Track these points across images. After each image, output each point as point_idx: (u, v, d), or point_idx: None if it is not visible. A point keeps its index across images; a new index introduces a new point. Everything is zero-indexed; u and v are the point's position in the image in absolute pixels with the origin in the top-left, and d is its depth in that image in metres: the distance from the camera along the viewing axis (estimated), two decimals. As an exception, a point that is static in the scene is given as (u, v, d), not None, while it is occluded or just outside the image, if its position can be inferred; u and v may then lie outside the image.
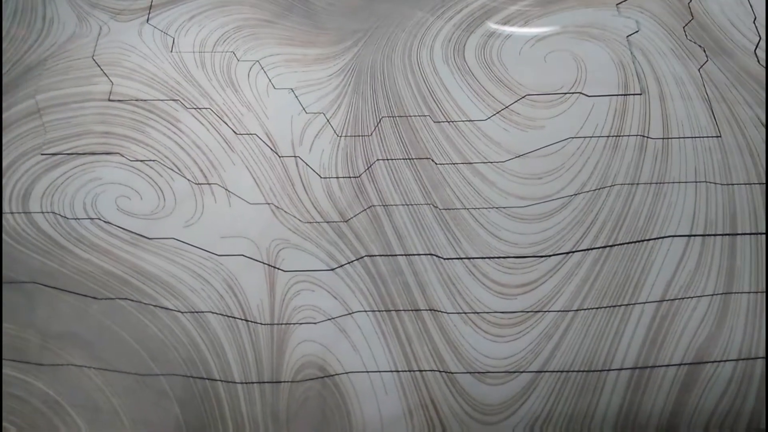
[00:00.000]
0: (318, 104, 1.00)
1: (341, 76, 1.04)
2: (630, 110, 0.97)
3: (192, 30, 1.08)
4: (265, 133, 0.97)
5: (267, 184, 0.92)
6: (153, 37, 1.06)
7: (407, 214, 0.90)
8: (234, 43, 1.06)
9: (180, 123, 0.97)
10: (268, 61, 1.05)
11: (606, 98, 0.98)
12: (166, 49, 1.05)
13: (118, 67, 1.03)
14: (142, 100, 1.00)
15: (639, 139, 0.94)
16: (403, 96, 1.01)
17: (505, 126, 0.96)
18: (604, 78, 1.00)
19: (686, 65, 1.01)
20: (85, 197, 0.91)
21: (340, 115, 0.99)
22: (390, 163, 0.94)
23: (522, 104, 0.98)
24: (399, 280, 0.85)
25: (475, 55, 1.04)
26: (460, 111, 0.98)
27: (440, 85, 1.01)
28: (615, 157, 0.93)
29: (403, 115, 0.99)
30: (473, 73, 1.02)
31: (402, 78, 1.03)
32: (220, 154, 0.95)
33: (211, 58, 1.05)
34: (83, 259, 0.86)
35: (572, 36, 1.05)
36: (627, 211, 0.88)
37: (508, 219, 0.88)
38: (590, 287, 0.83)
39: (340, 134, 0.97)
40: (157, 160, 0.94)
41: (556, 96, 0.99)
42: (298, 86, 1.02)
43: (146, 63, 1.04)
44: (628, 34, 1.05)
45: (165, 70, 1.03)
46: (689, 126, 0.95)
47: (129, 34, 1.07)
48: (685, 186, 0.90)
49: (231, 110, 0.99)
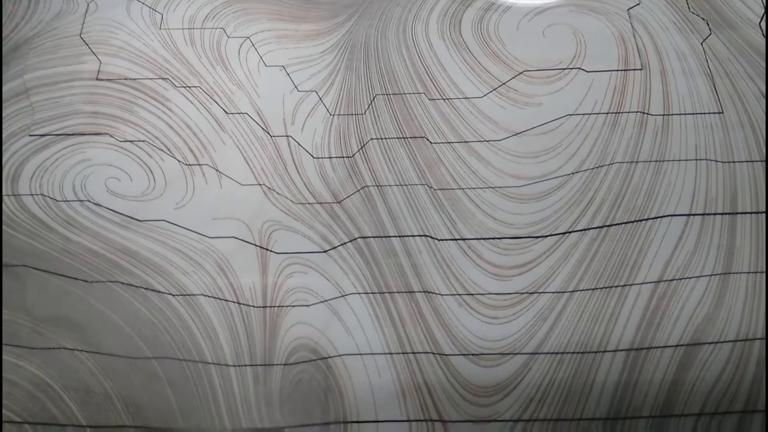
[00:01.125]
0: (310, 82, 0.98)
1: (334, 52, 1.01)
2: (630, 86, 0.95)
3: (181, 6, 1.05)
4: (256, 112, 0.95)
5: (258, 165, 0.91)
6: (141, 14, 1.04)
7: (401, 194, 0.88)
8: (224, 19, 1.04)
9: (169, 102, 0.95)
10: (259, 38, 1.02)
11: (606, 74, 0.96)
12: (155, 26, 1.03)
13: (106, 45, 1.01)
14: (131, 78, 0.97)
15: (639, 115, 0.92)
16: (398, 73, 0.98)
17: (502, 103, 0.94)
18: (604, 53, 0.97)
19: (688, 39, 0.98)
20: (75, 179, 0.89)
21: (333, 93, 0.97)
22: (384, 142, 0.92)
23: (519, 80, 0.96)
24: (393, 262, 0.84)
25: (471, 29, 1.01)
26: (456, 88, 0.96)
27: (436, 62, 0.99)
28: (614, 135, 0.91)
29: (397, 93, 0.96)
30: (469, 48, 0.99)
31: (396, 54, 1.00)
32: (210, 133, 0.93)
33: (201, 35, 1.02)
34: (73, 241, 0.85)
35: (572, 9, 1.02)
36: (625, 190, 0.86)
37: (504, 199, 0.87)
38: (586, 268, 0.82)
39: (333, 113, 0.95)
40: (146, 141, 0.92)
41: (555, 72, 0.96)
42: (289, 63, 1.00)
43: (134, 41, 1.01)
44: (630, 7, 1.01)
45: (154, 48, 1.00)
46: (690, 102, 0.93)
47: (117, 11, 1.04)
48: (685, 164, 0.88)
49: (221, 89, 0.97)
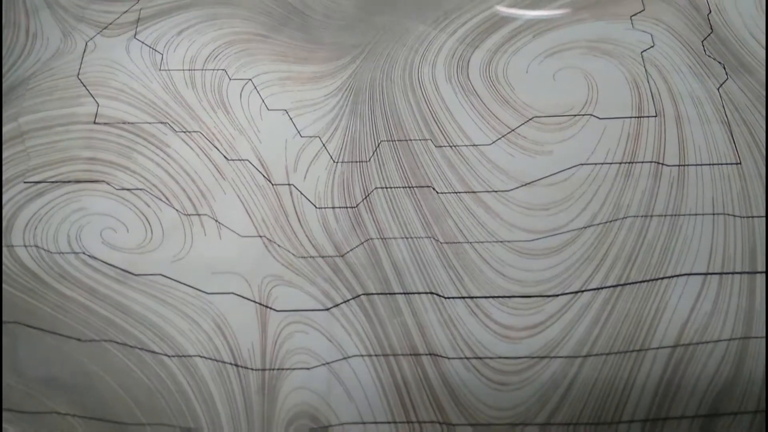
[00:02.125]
0: (313, 127, 0.96)
1: (338, 95, 0.99)
2: (644, 134, 0.92)
3: (181, 45, 1.02)
4: (257, 158, 0.93)
5: (259, 215, 0.88)
6: (141, 54, 1.02)
7: (407, 248, 0.85)
8: (225, 60, 1.01)
9: (168, 148, 0.93)
10: (261, 80, 1.00)
11: (618, 121, 0.93)
12: (155, 66, 1.00)
13: (105, 87, 0.98)
14: (129, 122, 0.95)
15: (653, 166, 0.89)
16: (404, 118, 0.96)
17: (511, 151, 0.91)
18: (617, 98, 0.95)
19: (704, 84, 0.95)
20: (70, 229, 0.87)
21: (337, 138, 0.95)
22: (389, 191, 0.90)
23: (529, 127, 0.93)
24: (398, 321, 0.81)
25: (479, 72, 0.99)
26: (464, 134, 0.93)
27: (443, 106, 0.96)
28: (628, 186, 0.88)
29: (403, 139, 0.94)
30: (477, 92, 0.97)
31: (402, 98, 0.97)
32: (210, 181, 0.91)
33: (202, 77, 1.00)
34: (67, 297, 0.82)
35: (583, 51, 0.99)
36: (640, 246, 0.83)
37: (514, 254, 0.84)
38: (600, 330, 0.79)
39: (337, 160, 0.93)
40: (144, 189, 0.90)
41: (566, 118, 0.93)
42: (292, 107, 0.97)
43: (134, 82, 0.99)
44: (643, 50, 0.99)
45: (153, 90, 0.98)
46: (707, 152, 0.90)
47: (116, 50, 1.02)
48: (701, 219, 0.85)
49: (222, 134, 0.95)
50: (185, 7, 1.06)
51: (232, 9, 1.06)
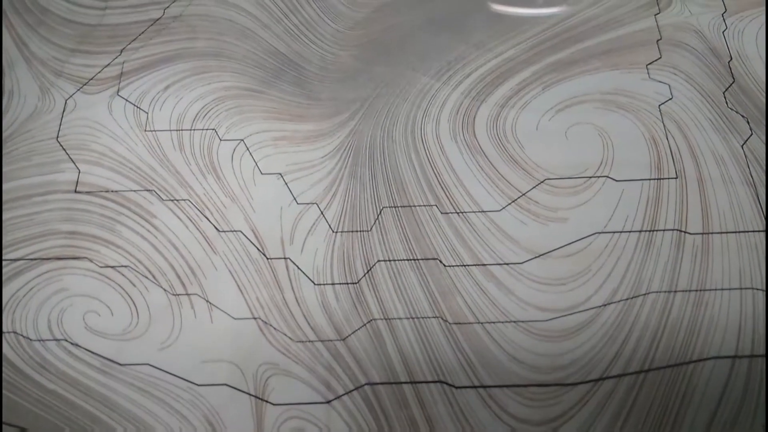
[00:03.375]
0: (311, 192, 0.91)
1: (336, 156, 0.94)
2: (665, 198, 0.87)
3: (168, 103, 0.97)
4: (251, 229, 0.88)
5: (253, 294, 0.83)
6: (125, 113, 0.97)
7: (413, 329, 0.80)
8: (215, 119, 0.96)
9: (155, 219, 0.88)
10: (254, 140, 0.95)
11: (637, 183, 0.88)
12: (140, 127, 0.95)
13: (86, 150, 0.93)
14: (113, 191, 0.90)
15: (675, 234, 0.84)
16: (407, 181, 0.91)
17: (523, 218, 0.87)
18: (634, 158, 0.90)
19: (727, 140, 0.91)
20: (51, 313, 0.82)
21: (336, 205, 0.90)
22: (392, 264, 0.85)
23: (541, 190, 0.88)
24: (404, 415, 0.76)
25: (486, 129, 0.94)
26: (471, 200, 0.88)
27: (448, 168, 0.91)
28: (649, 257, 0.83)
29: (406, 205, 0.89)
30: (485, 152, 0.92)
31: (405, 159, 0.93)
32: (200, 256, 0.86)
33: (190, 138, 0.95)
34: (49, 390, 0.77)
35: (597, 105, 0.95)
36: (664, 325, 0.79)
37: (529, 336, 0.79)
38: (624, 422, 0.74)
39: (336, 229, 0.88)
40: (129, 266, 0.85)
41: (580, 181, 0.89)
42: (287, 170, 0.92)
43: (117, 145, 0.94)
44: (661, 103, 0.94)
45: (138, 154, 0.93)
46: (732, 217, 0.85)
47: (97, 109, 0.97)
48: (728, 294, 0.80)
49: (212, 201, 0.90)
50: (172, 60, 1.01)
51: (222, 61, 1.01)
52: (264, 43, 1.04)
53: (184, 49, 1.02)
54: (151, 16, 1.05)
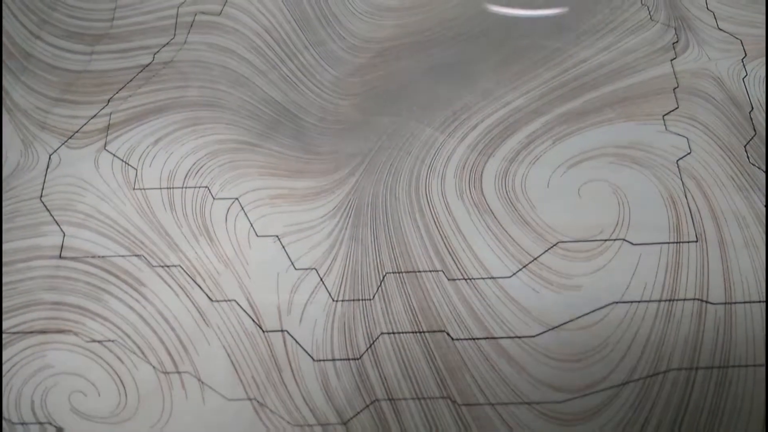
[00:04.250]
0: (309, 256, 0.86)
1: (337, 216, 0.89)
2: (684, 264, 0.83)
3: (158, 158, 0.93)
4: (246, 298, 0.83)
5: (249, 372, 0.79)
6: (112, 170, 0.92)
7: (419, 412, 0.76)
8: (208, 175, 0.92)
9: (144, 287, 0.84)
10: (249, 199, 0.90)
11: (655, 247, 0.84)
12: (128, 185, 0.91)
13: (71, 211, 0.89)
14: (100, 256, 0.86)
15: (696, 304, 0.80)
16: (411, 243, 0.86)
17: (535, 285, 0.82)
18: (652, 219, 0.86)
19: (749, 199, 0.87)
20: (34, 393, 0.77)
21: (336, 270, 0.85)
22: (397, 338, 0.80)
23: (554, 254, 0.84)
24: None
25: (495, 186, 0.90)
26: (480, 265, 0.84)
27: (455, 229, 0.87)
28: (669, 330, 0.79)
29: (411, 271, 0.85)
30: (494, 211, 0.88)
31: (409, 219, 0.88)
32: (192, 329, 0.81)
33: (182, 196, 0.90)
34: (29, 481, 0.73)
35: (611, 160, 0.90)
36: (685, 407, 0.75)
37: (543, 419, 0.75)
38: None
39: (337, 298, 0.83)
40: (117, 341, 0.80)
41: (595, 244, 0.84)
42: (285, 232, 0.88)
43: (104, 205, 0.89)
44: (679, 158, 0.90)
45: (126, 214, 0.89)
46: (756, 285, 0.81)
47: (83, 165, 0.92)
48: (753, 371, 0.76)
49: (205, 268, 0.85)
50: (162, 111, 0.97)
51: (215, 112, 0.97)
52: (259, 92, 0.99)
53: (175, 99, 0.97)
54: (140, 62, 1.00)
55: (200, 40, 1.02)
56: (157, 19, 1.04)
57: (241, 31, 1.03)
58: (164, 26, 1.03)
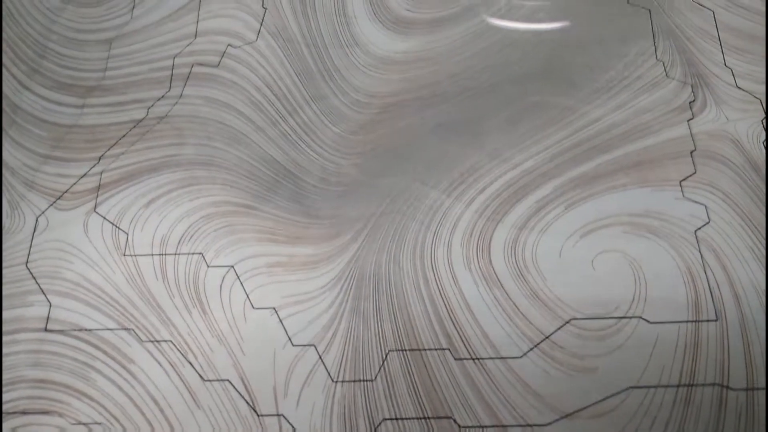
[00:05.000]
0: (308, 332, 0.82)
1: (337, 287, 0.85)
2: (704, 345, 0.79)
3: (150, 222, 0.89)
4: (240, 377, 0.79)
5: (243, 460, 0.75)
6: (102, 234, 0.88)
7: (423, 507, 0.72)
8: (203, 240, 0.88)
9: (133, 364, 0.80)
10: (246, 267, 0.86)
11: (673, 326, 0.80)
12: (118, 251, 0.87)
13: (58, 279, 0.85)
14: (87, 329, 0.82)
15: (717, 389, 0.76)
16: (416, 318, 0.83)
17: (546, 366, 0.78)
18: (669, 294, 0.82)
19: (772, 274, 0.83)
20: (12, 481, 0.73)
21: (336, 347, 0.81)
22: (400, 424, 0.76)
23: (566, 332, 0.80)
24: None
25: (504, 256, 0.86)
26: (488, 343, 0.80)
27: (462, 303, 0.83)
28: (688, 419, 0.75)
29: (415, 349, 0.81)
30: (503, 284, 0.84)
31: (413, 290, 0.84)
32: (182, 412, 0.77)
33: (175, 264, 0.86)
34: None
35: (626, 229, 0.86)
36: (708, 506, 0.70)
37: None
38: None
39: (336, 378, 0.79)
40: (103, 423, 0.76)
41: (610, 321, 0.81)
42: (282, 304, 0.84)
43: (92, 273, 0.86)
44: (697, 228, 0.86)
45: (116, 284, 0.85)
46: (781, 370, 0.77)
47: (72, 229, 0.89)
48: (780, 466, 0.72)
49: (198, 343, 0.81)
50: (156, 169, 0.93)
51: (211, 171, 0.93)
52: (258, 150, 0.95)
53: (169, 157, 0.94)
54: (133, 117, 0.97)
55: (197, 93, 0.98)
56: (152, 70, 1.00)
57: (240, 84, 0.99)
58: (159, 78, 1.00)
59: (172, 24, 1.04)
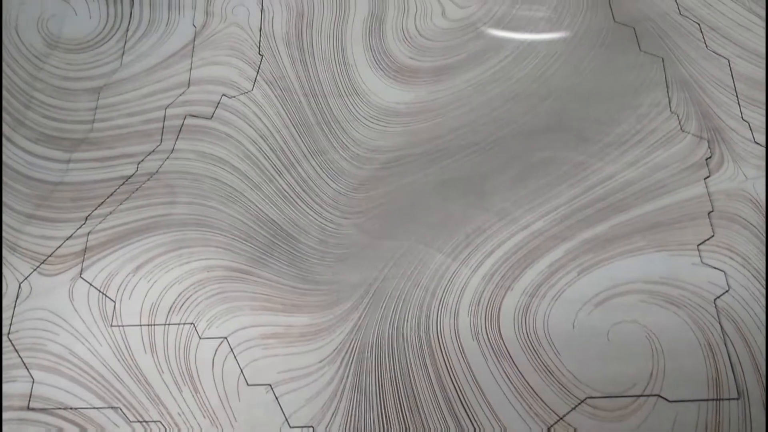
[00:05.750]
0: (306, 411, 0.78)
1: (337, 361, 0.81)
2: (725, 425, 0.75)
3: (139, 288, 0.85)
4: (235, 463, 0.75)
5: None
6: (88, 302, 0.84)
7: None
8: (195, 309, 0.84)
9: (120, 448, 0.75)
10: (240, 338, 0.82)
11: (692, 405, 0.76)
12: (105, 320, 0.83)
13: (42, 352, 0.81)
14: (72, 408, 0.77)
15: (742, 477, 0.72)
16: (421, 395, 0.78)
17: (560, 450, 0.74)
18: (689, 370, 0.78)
19: (797, 348, 0.79)
20: None
21: (337, 428, 0.77)
22: None
23: (581, 413, 0.76)
24: None
25: (514, 326, 0.82)
26: (499, 425, 0.76)
27: (470, 379, 0.79)
28: None
29: (422, 429, 0.76)
30: (513, 358, 0.80)
31: (419, 365, 0.80)
32: (173, 501, 0.73)
33: (165, 335, 0.82)
34: None
35: (643, 298, 0.83)
36: None
37: None
38: None
39: (337, 463, 0.75)
40: None
41: (628, 400, 0.77)
42: (278, 380, 0.80)
43: (78, 346, 0.81)
44: (716, 296, 0.82)
45: (103, 357, 0.80)
46: (809, 455, 0.73)
47: (57, 296, 0.84)
48: None
49: (188, 425, 0.77)
50: (145, 231, 0.89)
51: (204, 232, 0.89)
52: (253, 209, 0.91)
53: (160, 217, 0.89)
54: (122, 173, 0.93)
55: (189, 147, 0.94)
56: (143, 122, 0.96)
57: (235, 137, 0.95)
58: (150, 131, 0.96)
59: (164, 72, 1.00)
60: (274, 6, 1.06)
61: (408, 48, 1.05)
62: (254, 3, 1.05)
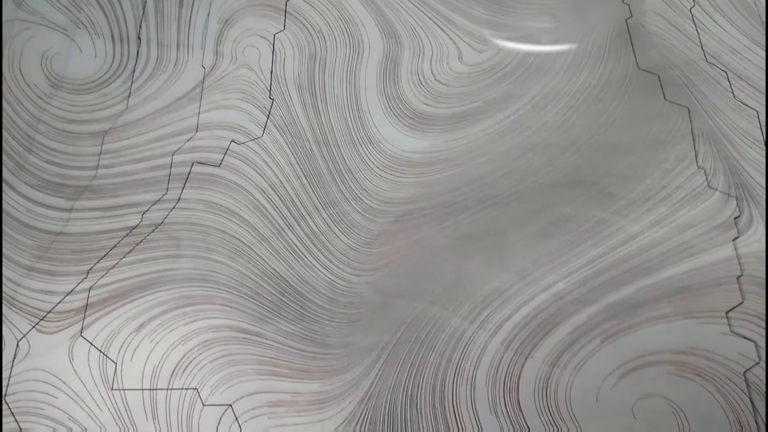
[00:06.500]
0: (315, 487, 0.74)
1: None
2: None
3: (141, 349, 0.82)
4: None
5: None
6: (88, 362, 0.81)
7: None
8: (199, 372, 0.80)
9: None
10: (245, 406, 0.79)
11: (723, 490, 0.72)
12: (105, 383, 0.79)
13: (40, 417, 0.78)
14: (68, 481, 0.74)
15: None
16: (435, 472, 0.75)
17: None
18: (718, 450, 0.74)
19: (833, 428, 0.75)
20: None
21: (346, 506, 0.73)
22: None
23: (603, 495, 0.72)
24: None
25: (534, 399, 0.78)
26: (516, 505, 0.72)
27: (486, 455, 0.75)
28: None
29: None
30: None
31: (432, 439, 0.76)
32: None
33: (167, 401, 0.79)
34: None
35: (670, 370, 0.79)
36: None
37: None
38: None
39: None
40: None
41: (653, 483, 0.73)
42: (286, 452, 0.76)
43: (78, 410, 0.78)
44: (746, 369, 0.78)
45: (102, 424, 0.77)
46: None
47: (56, 356, 0.81)
48: None
49: (192, 500, 0.73)
50: (149, 286, 0.85)
51: (210, 289, 0.85)
52: (261, 264, 0.88)
53: (164, 272, 0.86)
54: (126, 224, 0.89)
55: (196, 197, 0.91)
56: (149, 168, 0.93)
57: (243, 186, 0.92)
58: (156, 178, 0.92)
59: (171, 115, 0.97)
60: (286, 47, 1.03)
61: (423, 93, 1.01)
62: (265, 44, 1.02)
